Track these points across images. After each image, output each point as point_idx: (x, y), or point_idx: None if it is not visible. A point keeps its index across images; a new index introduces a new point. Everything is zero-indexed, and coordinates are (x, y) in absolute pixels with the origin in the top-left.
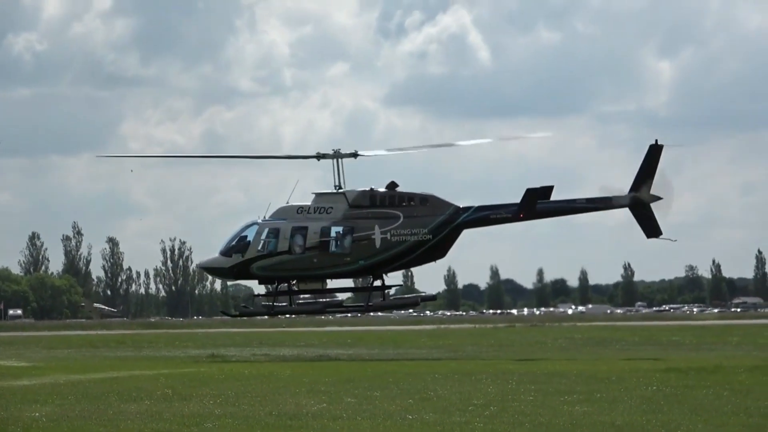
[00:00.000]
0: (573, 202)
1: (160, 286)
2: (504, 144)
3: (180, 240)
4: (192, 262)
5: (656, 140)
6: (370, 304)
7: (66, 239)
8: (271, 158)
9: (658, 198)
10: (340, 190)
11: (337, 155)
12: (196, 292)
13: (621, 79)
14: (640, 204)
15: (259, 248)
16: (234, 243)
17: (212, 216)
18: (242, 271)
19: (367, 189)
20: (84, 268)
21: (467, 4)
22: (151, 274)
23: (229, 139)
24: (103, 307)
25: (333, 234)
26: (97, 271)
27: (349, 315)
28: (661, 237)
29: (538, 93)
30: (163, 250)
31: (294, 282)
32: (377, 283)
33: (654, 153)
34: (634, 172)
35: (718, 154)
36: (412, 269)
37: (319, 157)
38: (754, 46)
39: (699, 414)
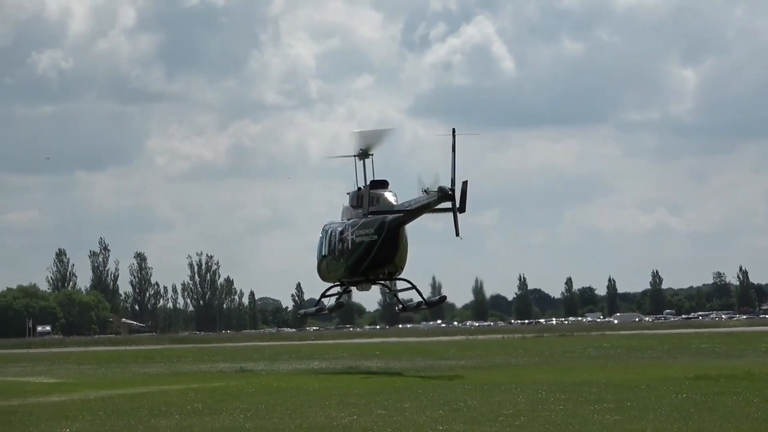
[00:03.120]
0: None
1: (188, 301)
2: (529, 152)
3: (207, 254)
4: (219, 276)
5: (453, 129)
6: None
7: (93, 255)
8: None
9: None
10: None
11: (365, 154)
12: (224, 306)
13: (645, 88)
14: (452, 199)
15: (321, 251)
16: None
17: (238, 230)
18: (320, 272)
19: (355, 189)
20: (112, 283)
21: (491, 15)
22: (179, 288)
23: (255, 153)
24: (132, 322)
25: (338, 236)
26: (124, 286)
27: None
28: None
29: (562, 102)
30: (191, 265)
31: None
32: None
33: (453, 142)
34: (660, 180)
35: (743, 162)
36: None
37: (361, 155)
38: None
39: (729, 421)
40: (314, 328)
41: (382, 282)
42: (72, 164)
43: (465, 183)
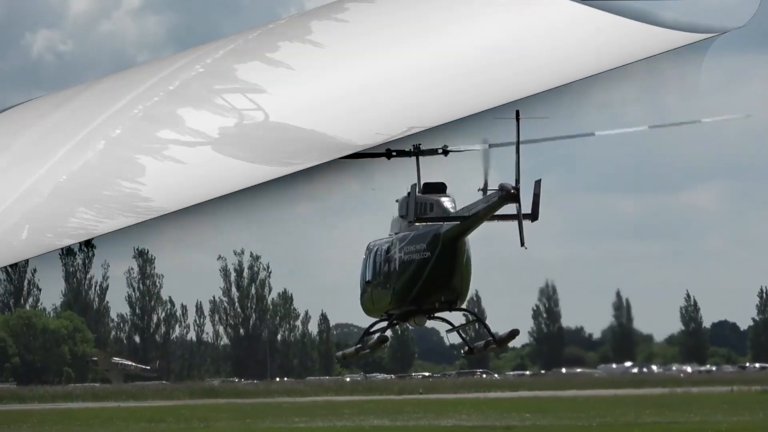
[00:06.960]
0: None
1: (220, 328)
2: None
3: (251, 253)
4: (270, 289)
5: (517, 111)
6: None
7: (66, 254)
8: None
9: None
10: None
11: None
12: (278, 337)
13: None
14: (517, 200)
15: (364, 276)
16: None
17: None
18: (363, 303)
19: (405, 195)
20: (97, 300)
21: None
22: (206, 308)
23: None
24: (128, 363)
25: (383, 256)
26: (117, 305)
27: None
28: None
29: None
30: (224, 270)
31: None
32: None
33: (518, 127)
34: None
35: None
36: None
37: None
38: None
39: None
40: (424, 374)
41: (440, 315)
42: None
43: (537, 183)
